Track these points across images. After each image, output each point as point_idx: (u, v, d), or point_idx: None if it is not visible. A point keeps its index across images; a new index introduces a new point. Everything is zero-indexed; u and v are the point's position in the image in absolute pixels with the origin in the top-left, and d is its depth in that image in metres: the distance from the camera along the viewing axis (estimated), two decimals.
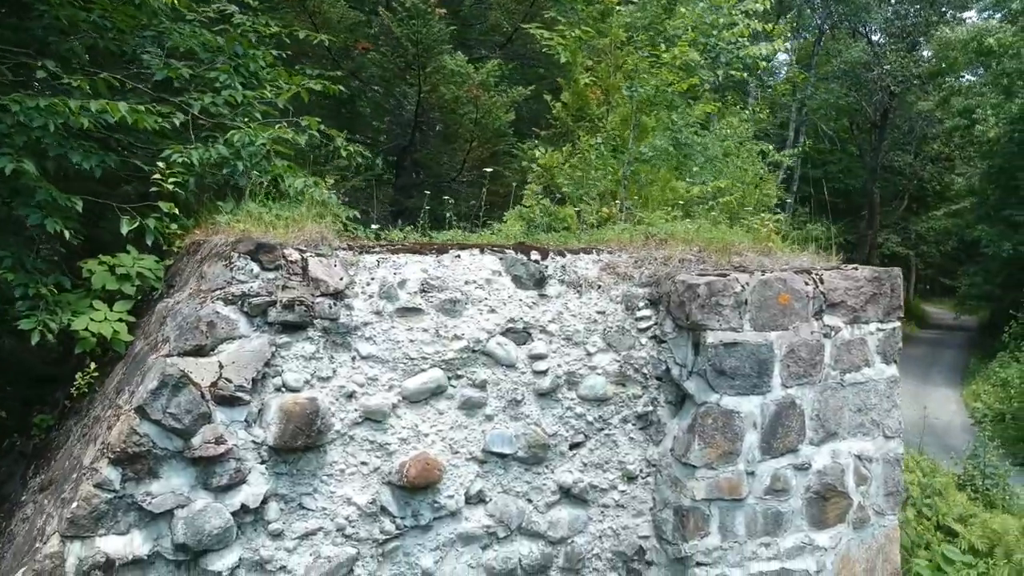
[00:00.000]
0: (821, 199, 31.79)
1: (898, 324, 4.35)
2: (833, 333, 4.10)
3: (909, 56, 27.66)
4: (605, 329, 3.95)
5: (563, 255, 4.03)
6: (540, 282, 3.88)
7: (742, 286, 3.83)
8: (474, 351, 3.69)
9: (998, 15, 20.02)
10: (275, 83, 5.24)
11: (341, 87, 5.80)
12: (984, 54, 17.56)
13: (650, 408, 3.99)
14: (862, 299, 4.18)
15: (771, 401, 3.89)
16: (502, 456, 3.73)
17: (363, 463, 3.48)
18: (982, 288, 26.13)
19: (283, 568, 3.33)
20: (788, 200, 26.22)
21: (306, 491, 3.40)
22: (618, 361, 3.94)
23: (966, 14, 29.01)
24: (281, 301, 3.34)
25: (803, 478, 3.99)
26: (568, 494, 3.86)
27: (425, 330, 3.62)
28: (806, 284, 4.02)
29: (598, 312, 3.95)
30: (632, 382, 3.97)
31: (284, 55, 6.13)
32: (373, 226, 4.71)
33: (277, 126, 4.76)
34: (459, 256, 3.81)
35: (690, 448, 3.76)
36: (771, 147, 13.19)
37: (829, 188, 33.05)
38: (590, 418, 3.90)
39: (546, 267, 3.93)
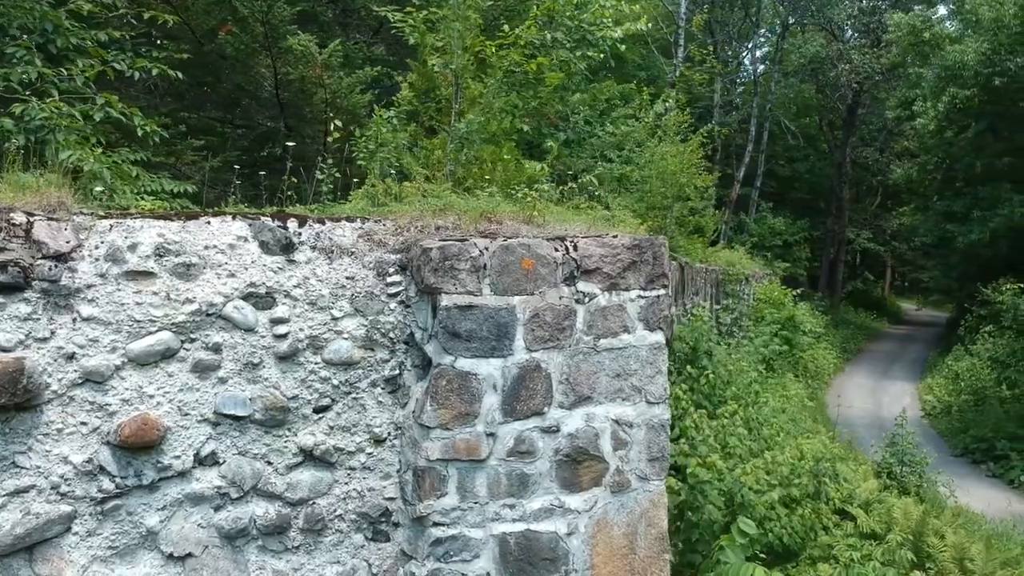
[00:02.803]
0: (784, 195, 31.95)
1: (663, 292, 4.41)
2: (587, 299, 4.16)
3: (872, 52, 27.73)
4: (353, 294, 4.01)
5: (323, 223, 4.10)
6: (288, 248, 3.94)
7: (481, 251, 3.90)
8: (208, 315, 3.75)
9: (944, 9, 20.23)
10: (88, 60, 5.31)
11: (178, 73, 5.87)
12: (924, 44, 17.67)
13: (397, 372, 4.05)
14: (619, 266, 4.25)
15: (513, 364, 3.95)
16: (237, 418, 3.78)
17: (83, 423, 3.53)
18: (940, 282, 26.27)
19: None
20: (737, 194, 26.35)
21: (20, 449, 3.44)
22: (365, 326, 4.00)
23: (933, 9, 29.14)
24: None
25: (552, 441, 4.05)
26: (311, 456, 3.92)
27: (155, 293, 3.67)
28: (555, 250, 4.08)
29: (347, 278, 4.01)
30: (380, 346, 4.03)
31: (128, 36, 6.20)
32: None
33: (81, 104, 4.83)
34: (209, 223, 3.88)
35: (424, 409, 3.82)
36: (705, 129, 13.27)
37: (797, 184, 33.25)
38: (336, 382, 3.96)
39: (299, 234, 3.99)
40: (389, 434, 4.04)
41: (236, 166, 5.20)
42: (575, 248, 4.15)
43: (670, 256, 11.63)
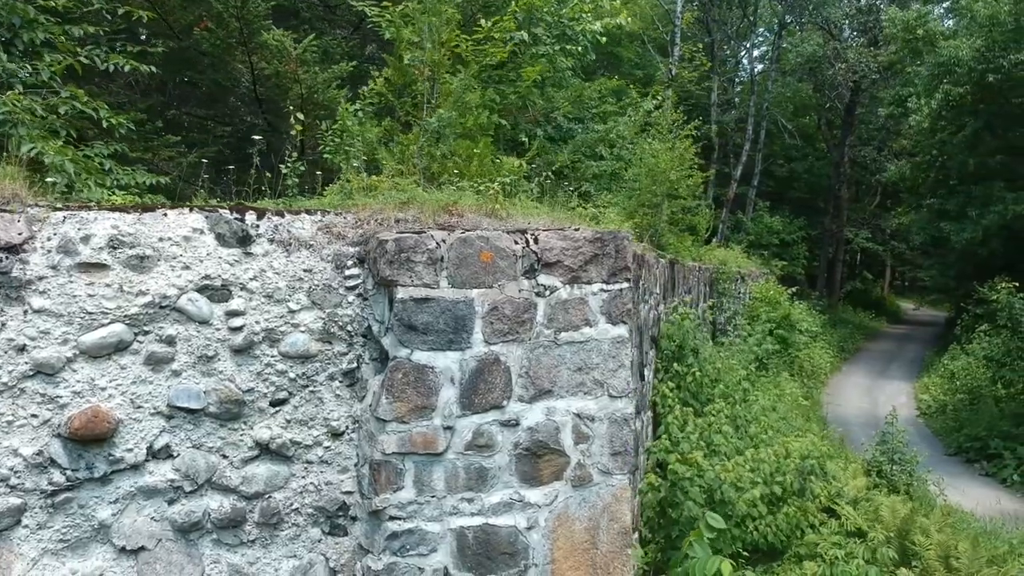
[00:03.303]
0: (782, 194, 31.87)
1: (626, 285, 4.38)
2: (548, 292, 4.14)
3: (868, 51, 27.64)
4: (311, 287, 3.98)
5: (282, 216, 4.08)
6: (244, 240, 3.92)
7: (438, 243, 3.87)
8: (162, 307, 3.73)
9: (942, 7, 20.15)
10: (57, 55, 5.29)
11: (152, 67, 5.86)
12: (918, 40, 17.59)
13: (355, 365, 4.03)
14: (581, 259, 4.22)
15: (471, 357, 3.93)
16: (191, 411, 3.76)
17: (33, 415, 3.51)
18: (938, 281, 26.18)
19: None
20: (733, 193, 26.25)
21: None
22: (323, 319, 3.98)
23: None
24: None
25: (511, 434, 4.02)
26: (267, 450, 3.90)
27: (108, 285, 3.65)
28: (515, 243, 4.05)
29: (305, 270, 3.99)
30: (338, 339, 4.01)
31: (104, 31, 6.20)
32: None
33: (43, 97, 4.81)
34: (166, 215, 3.86)
35: (380, 402, 3.79)
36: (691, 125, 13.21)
37: (795, 183, 33.17)
38: (293, 375, 3.94)
39: (257, 226, 3.97)
40: (347, 428, 4.02)
41: (204, 160, 5.19)
42: (536, 241, 4.12)
43: (660, 254, 11.63)
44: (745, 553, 8.39)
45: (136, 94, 8.25)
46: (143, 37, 6.94)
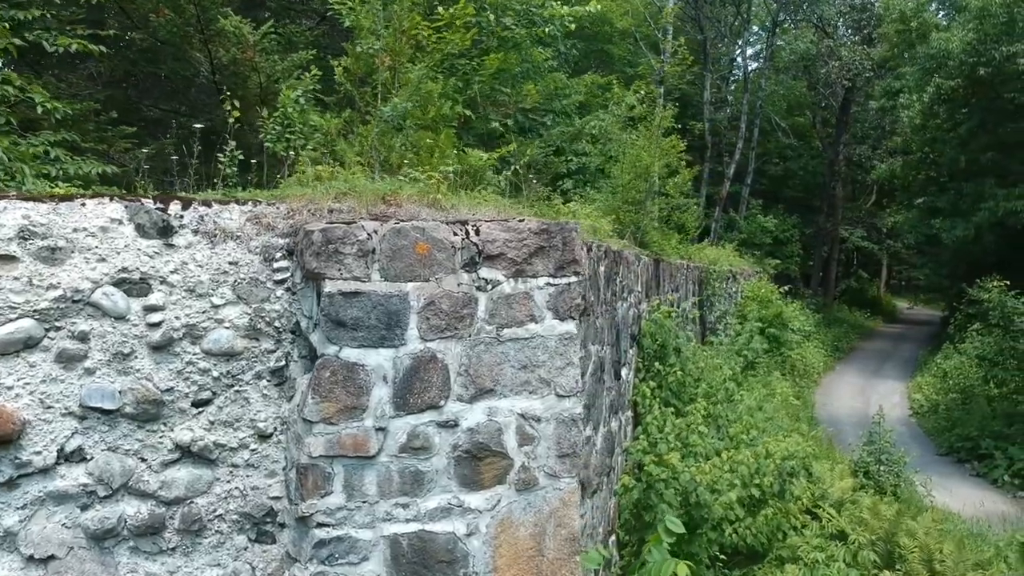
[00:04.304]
0: (777, 192, 31.67)
1: (575, 279, 4.17)
2: (490, 286, 3.93)
3: (862, 49, 27.42)
4: (236, 281, 3.77)
5: (209, 206, 3.87)
6: (166, 231, 3.71)
7: (369, 234, 3.66)
8: (75, 301, 3.51)
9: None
10: None
11: (101, 47, 5.66)
12: (912, 32, 17.35)
13: (283, 363, 3.82)
14: (526, 252, 4.01)
15: (406, 355, 3.72)
16: (106, 412, 3.55)
17: None
18: (932, 279, 25.96)
19: None
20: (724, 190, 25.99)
21: None
22: (249, 314, 3.77)
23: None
24: None
25: (450, 436, 3.81)
26: (189, 453, 3.69)
27: (16, 278, 3.44)
28: (454, 234, 3.84)
29: (230, 263, 3.78)
30: (265, 336, 3.80)
31: (52, 14, 6.01)
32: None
33: None
34: (84, 205, 3.65)
35: (306, 403, 3.58)
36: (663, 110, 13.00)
37: (789, 182, 32.95)
38: (216, 373, 3.73)
39: (181, 217, 3.76)
40: (275, 429, 3.81)
41: (144, 150, 4.99)
42: (477, 232, 3.91)
43: (640, 252, 11.41)
44: (723, 557, 8.19)
45: (98, 86, 8.04)
46: (105, 28, 6.74)
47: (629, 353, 9.70)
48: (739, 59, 28.88)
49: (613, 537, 8.30)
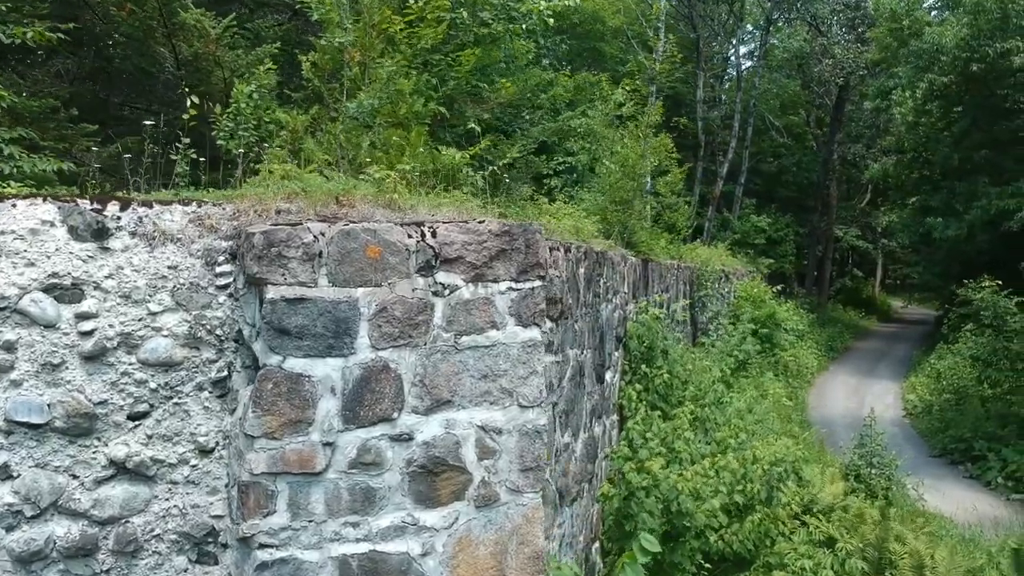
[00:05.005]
0: (771, 192, 31.51)
1: (538, 283, 3.96)
2: (448, 291, 3.71)
3: (855, 47, 27.26)
4: (176, 286, 3.55)
5: (150, 207, 3.65)
6: (101, 234, 3.48)
7: (315, 236, 3.44)
8: (0, 309, 3.29)
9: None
10: None
11: (59, 34, 5.46)
12: (904, 30, 17.16)
13: (226, 374, 3.60)
14: (486, 255, 3.80)
15: (355, 364, 3.50)
16: (34, 426, 3.33)
17: None
18: (926, 278, 25.80)
19: None
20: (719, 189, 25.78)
21: None
22: (189, 321, 3.55)
23: None
24: None
25: (404, 450, 3.60)
26: (124, 469, 3.47)
27: None
28: (408, 237, 3.63)
29: (169, 267, 3.56)
30: (206, 345, 3.58)
31: (14, 6, 5.80)
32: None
33: None
34: (15, 205, 3.43)
35: (247, 416, 3.37)
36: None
37: (783, 181, 32.80)
38: (154, 385, 3.51)
39: (118, 218, 3.54)
40: (217, 444, 3.59)
41: (93, 148, 4.77)
42: (434, 234, 3.70)
43: (626, 252, 11.19)
44: (707, 566, 7.99)
45: (65, 83, 7.81)
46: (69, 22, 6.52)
47: (614, 356, 9.50)
48: (732, 57, 28.68)
49: (597, 544, 8.10)
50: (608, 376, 8.95)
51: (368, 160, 5.59)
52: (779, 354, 20.63)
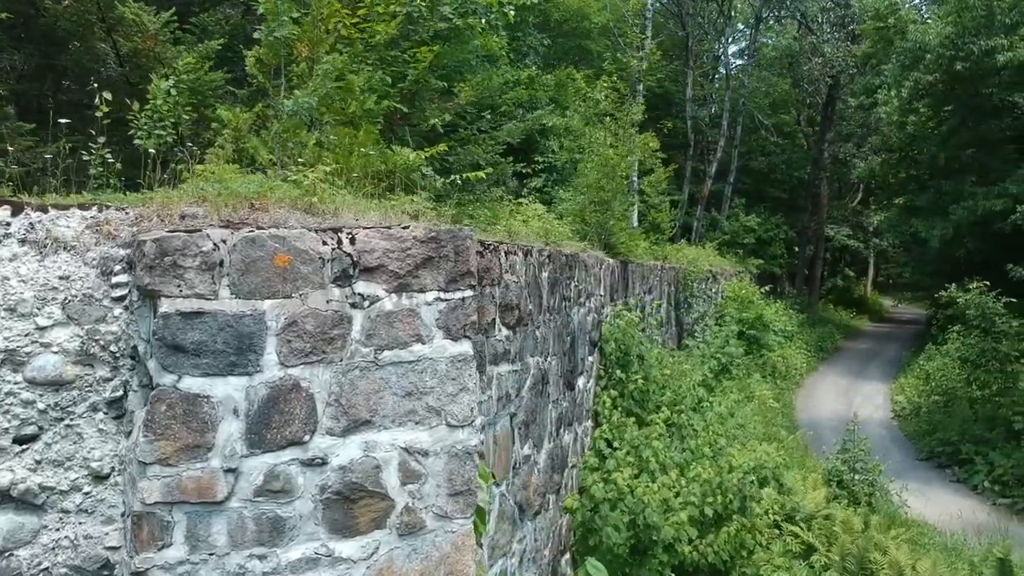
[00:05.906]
0: (760, 191, 31.28)
1: (469, 293, 3.68)
2: (368, 303, 3.43)
3: (844, 46, 27.04)
4: (67, 298, 3.27)
5: (45, 211, 3.36)
6: None
7: (216, 244, 3.16)
8: None
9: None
10: None
11: None
12: (889, 29, 16.93)
13: (121, 393, 3.31)
14: (411, 263, 3.52)
15: (261, 383, 3.22)
16: None
17: None
18: (916, 278, 25.60)
19: None
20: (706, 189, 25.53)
21: None
22: (81, 336, 3.26)
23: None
24: None
25: (317, 476, 3.32)
26: (8, 497, 3.18)
27: None
28: (323, 244, 3.35)
29: (60, 277, 3.27)
30: (100, 362, 3.30)
31: None
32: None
33: None
34: None
35: (138, 441, 3.08)
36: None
37: (774, 180, 32.58)
38: (43, 405, 3.22)
39: (8, 224, 3.25)
40: (113, 469, 3.31)
41: (10, 147, 4.48)
42: (352, 241, 3.42)
43: (611, 253, 10.89)
44: None
45: (11, 80, 7.50)
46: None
47: (588, 361, 9.23)
48: (722, 56, 28.43)
49: (567, 556, 7.84)
50: (580, 382, 8.68)
51: (313, 160, 5.31)
52: (767, 355, 20.39)
